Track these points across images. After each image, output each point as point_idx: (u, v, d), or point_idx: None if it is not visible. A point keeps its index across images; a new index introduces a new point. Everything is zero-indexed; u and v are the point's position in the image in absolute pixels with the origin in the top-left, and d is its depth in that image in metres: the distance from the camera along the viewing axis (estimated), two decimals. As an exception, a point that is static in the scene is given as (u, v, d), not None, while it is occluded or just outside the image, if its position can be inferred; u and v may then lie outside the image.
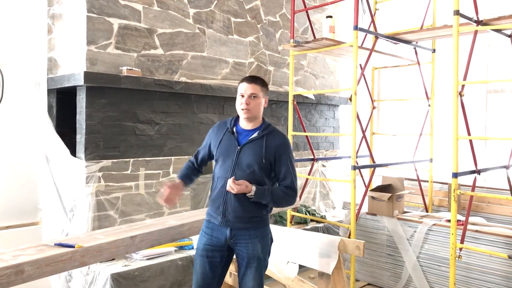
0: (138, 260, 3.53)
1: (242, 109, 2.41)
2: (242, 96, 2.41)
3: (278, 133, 2.46)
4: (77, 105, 3.72)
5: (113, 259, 3.48)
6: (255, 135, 2.42)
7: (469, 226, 3.48)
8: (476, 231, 3.48)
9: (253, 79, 2.44)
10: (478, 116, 5.74)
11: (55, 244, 2.31)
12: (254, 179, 2.34)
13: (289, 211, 4.41)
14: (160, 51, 4.17)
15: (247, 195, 2.32)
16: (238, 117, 2.51)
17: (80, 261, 2.26)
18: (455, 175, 3.19)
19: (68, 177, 3.74)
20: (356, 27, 3.67)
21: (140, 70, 3.91)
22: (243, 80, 2.46)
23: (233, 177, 2.32)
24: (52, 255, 2.16)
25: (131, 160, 3.94)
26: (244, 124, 2.46)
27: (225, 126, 2.50)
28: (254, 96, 2.40)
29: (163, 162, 4.17)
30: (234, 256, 2.50)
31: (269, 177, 2.42)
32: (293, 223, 4.66)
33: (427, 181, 4.77)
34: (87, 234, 2.64)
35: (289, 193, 2.39)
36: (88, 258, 2.29)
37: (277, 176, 2.43)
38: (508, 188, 3.85)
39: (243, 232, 2.38)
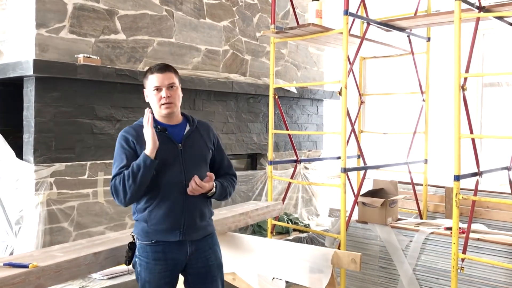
0: (97, 280, 3.46)
1: (164, 104, 2.30)
2: (159, 89, 2.30)
3: (204, 121, 2.54)
4: (24, 98, 3.63)
5: (69, 279, 3.39)
6: (188, 128, 2.40)
7: (470, 234, 3.56)
8: (478, 239, 3.56)
9: (166, 67, 2.35)
10: (472, 111, 5.90)
11: (5, 264, 2.21)
12: (205, 175, 2.34)
13: (269, 220, 4.40)
14: (121, 36, 4.11)
15: (209, 193, 2.32)
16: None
17: (35, 283, 2.17)
18: (457, 178, 3.25)
19: (13, 184, 3.64)
20: (346, 12, 3.69)
21: (98, 58, 3.84)
22: (152, 72, 2.32)
23: (195, 176, 2.24)
24: (2, 277, 2.06)
25: (88, 163, 3.86)
26: (165, 120, 2.36)
27: (143, 128, 2.29)
28: (172, 86, 2.33)
29: (125, 165, 4.09)
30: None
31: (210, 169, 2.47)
32: (274, 233, 4.66)
33: (421, 185, 4.86)
34: (41, 251, 2.55)
35: (235, 183, 2.53)
36: (45, 280, 2.20)
37: (218, 165, 2.50)
38: (510, 191, 3.97)
39: (202, 244, 2.36)
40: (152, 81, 2.33)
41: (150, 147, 2.20)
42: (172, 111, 2.34)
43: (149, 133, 2.21)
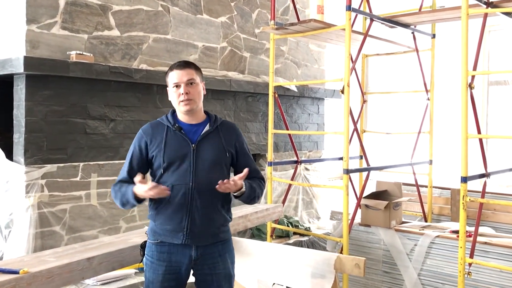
0: (91, 286, 3.44)
1: (182, 101, 2.30)
2: (177, 86, 2.31)
3: (228, 122, 2.51)
4: (14, 97, 3.61)
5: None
6: (207, 128, 2.37)
7: (477, 238, 3.55)
8: (485, 243, 3.55)
9: (185, 64, 2.36)
10: (478, 110, 5.89)
11: (-6, 270, 2.19)
12: (220, 178, 2.28)
13: (269, 223, 4.38)
14: (116, 32, 4.09)
15: (237, 193, 2.27)
16: (173, 113, 2.41)
17: (26, 290, 2.15)
18: (465, 179, 3.24)
19: (3, 186, 3.61)
20: (349, 7, 3.68)
21: (92, 55, 3.83)
22: (172, 68, 2.35)
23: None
24: (-9, 284, 2.04)
25: (81, 164, 3.84)
26: (186, 119, 2.37)
27: (161, 126, 2.37)
28: (192, 83, 2.32)
29: (119, 167, 4.00)
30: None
31: (229, 173, 2.45)
32: (274, 237, 4.64)
33: (426, 186, 4.86)
34: (33, 256, 2.53)
35: (263, 186, 2.47)
36: (36, 286, 2.18)
37: (243, 169, 2.41)
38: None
39: (211, 249, 2.33)
40: (172, 78, 2.34)
41: (140, 193, 2.20)
42: (191, 108, 2.32)
43: (142, 188, 2.18)
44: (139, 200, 2.25)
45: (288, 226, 4.99)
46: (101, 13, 3.99)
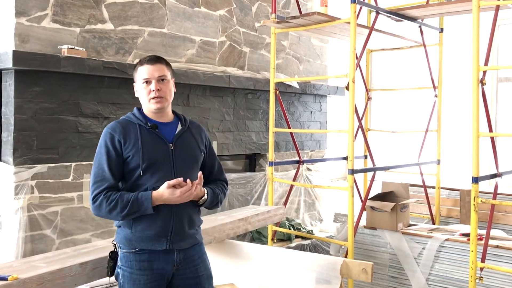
0: (83, 292, 3.41)
1: (153, 98, 2.26)
2: (148, 82, 2.27)
3: (195, 122, 2.52)
4: (3, 93, 3.60)
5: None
6: (180, 127, 2.37)
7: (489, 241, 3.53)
8: (497, 246, 3.54)
9: (156, 59, 2.32)
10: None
11: (-19, 276, 2.16)
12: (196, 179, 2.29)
13: (270, 226, 4.35)
14: (109, 25, 4.08)
15: (200, 201, 2.31)
16: (139, 110, 2.37)
17: (15, 297, 2.12)
18: (476, 180, 3.21)
19: (-9, 187, 3.59)
20: (354, 0, 3.66)
21: (84, 49, 3.82)
22: (141, 63, 2.31)
23: (181, 178, 2.17)
24: (-21, 291, 2.01)
25: (73, 164, 3.83)
26: (155, 117, 2.33)
27: (131, 124, 2.29)
28: (163, 79, 2.30)
29: (114, 167, 4.05)
30: None
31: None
32: (275, 240, 4.61)
33: (433, 187, 4.84)
34: (22, 261, 2.51)
35: (226, 190, 2.52)
36: (26, 293, 2.16)
37: (208, 170, 2.48)
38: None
39: (190, 253, 2.33)
40: (141, 73, 2.30)
41: (169, 198, 2.17)
42: (163, 106, 2.30)
43: (173, 193, 2.17)
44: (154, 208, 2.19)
45: (289, 229, 4.96)
46: (94, 5, 3.98)
